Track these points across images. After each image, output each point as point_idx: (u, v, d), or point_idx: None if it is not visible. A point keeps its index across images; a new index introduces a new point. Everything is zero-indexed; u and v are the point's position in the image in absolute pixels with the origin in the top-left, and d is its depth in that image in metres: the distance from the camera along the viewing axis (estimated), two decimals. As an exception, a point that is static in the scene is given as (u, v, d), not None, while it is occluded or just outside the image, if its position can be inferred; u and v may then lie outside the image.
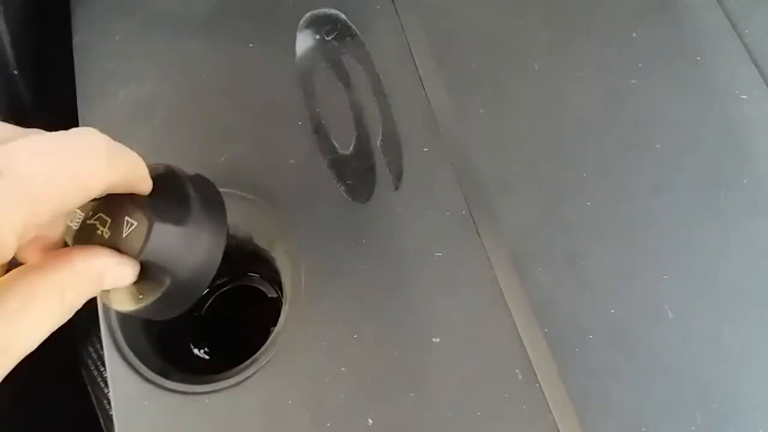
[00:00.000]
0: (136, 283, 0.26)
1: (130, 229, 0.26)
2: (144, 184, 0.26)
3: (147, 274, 0.26)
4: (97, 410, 0.56)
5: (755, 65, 0.37)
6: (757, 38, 0.38)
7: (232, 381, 0.34)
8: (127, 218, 0.26)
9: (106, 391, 0.57)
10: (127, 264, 0.25)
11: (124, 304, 0.27)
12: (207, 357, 0.42)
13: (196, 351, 0.42)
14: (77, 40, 0.40)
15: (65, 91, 0.43)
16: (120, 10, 0.40)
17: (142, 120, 0.38)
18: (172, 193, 0.27)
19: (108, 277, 0.24)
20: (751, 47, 0.38)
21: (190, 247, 0.27)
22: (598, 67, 0.37)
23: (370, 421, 0.33)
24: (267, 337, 0.41)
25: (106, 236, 0.26)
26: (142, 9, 0.40)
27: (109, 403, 0.53)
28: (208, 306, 0.43)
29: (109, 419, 0.54)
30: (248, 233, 0.39)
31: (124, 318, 0.36)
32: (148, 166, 0.26)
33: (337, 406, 0.33)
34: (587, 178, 0.35)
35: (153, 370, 0.35)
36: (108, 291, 0.27)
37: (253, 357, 0.36)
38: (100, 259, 0.24)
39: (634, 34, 0.37)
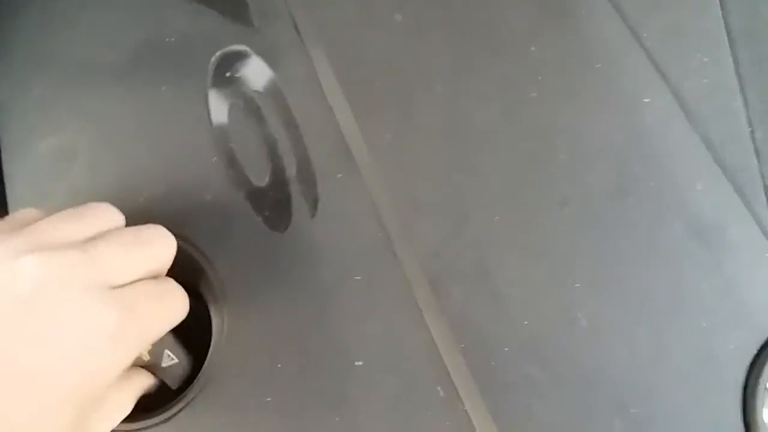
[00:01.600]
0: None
1: (170, 363, 0.34)
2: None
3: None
4: None
5: (656, 69, 0.38)
6: (656, 42, 0.39)
7: (160, 418, 0.34)
8: (167, 352, 0.34)
9: None
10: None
11: None
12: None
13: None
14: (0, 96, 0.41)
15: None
16: (38, 63, 0.41)
17: (64, 169, 0.39)
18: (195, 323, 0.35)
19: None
20: (651, 51, 0.38)
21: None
22: (499, 84, 0.37)
23: (297, 449, 0.33)
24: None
25: (145, 360, 0.33)
26: (59, 60, 0.40)
27: None
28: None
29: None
30: (172, 271, 0.39)
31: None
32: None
33: (264, 436, 0.33)
34: (495, 194, 0.36)
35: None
36: None
37: (182, 394, 0.36)
38: (149, 381, 0.34)
39: (533, 48, 0.38)
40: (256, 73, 0.39)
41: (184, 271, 0.39)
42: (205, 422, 0.34)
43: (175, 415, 0.34)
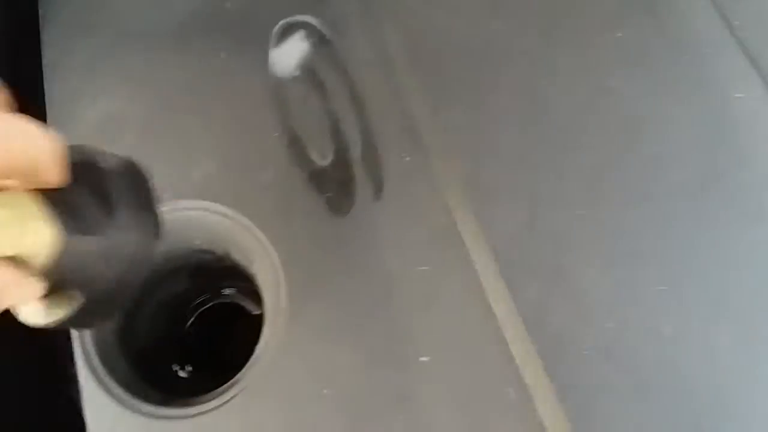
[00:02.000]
0: (45, 297, 0.22)
1: (34, 239, 0.20)
2: (52, 174, 0.20)
3: (56, 288, 0.21)
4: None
5: (749, 61, 0.35)
6: (749, 31, 0.36)
7: (212, 404, 0.32)
8: (31, 224, 0.20)
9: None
10: (30, 283, 0.21)
11: (33, 317, 0.23)
12: (189, 377, 0.41)
13: (178, 371, 0.41)
14: (46, 60, 0.39)
15: (36, 113, 0.42)
16: (89, 28, 0.39)
17: (112, 138, 0.37)
18: (90, 190, 0.22)
19: (5, 297, 0.20)
20: (743, 41, 0.36)
21: (108, 259, 0.22)
22: (580, 70, 0.35)
23: (356, 446, 0.31)
24: (250, 355, 0.40)
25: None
26: (111, 25, 0.38)
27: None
28: (191, 324, 0.41)
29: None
30: (225, 249, 0.37)
31: (100, 337, 0.35)
32: (67, 149, 0.21)
33: (321, 431, 0.31)
34: (574, 186, 0.34)
35: (131, 393, 0.34)
36: None
37: (234, 378, 0.34)
38: None
39: (619, 34, 0.36)
40: (320, 45, 0.37)
41: (238, 250, 0.37)
42: (257, 411, 0.32)
43: (227, 402, 0.32)
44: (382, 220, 0.34)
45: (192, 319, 0.42)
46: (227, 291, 0.42)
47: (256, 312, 0.41)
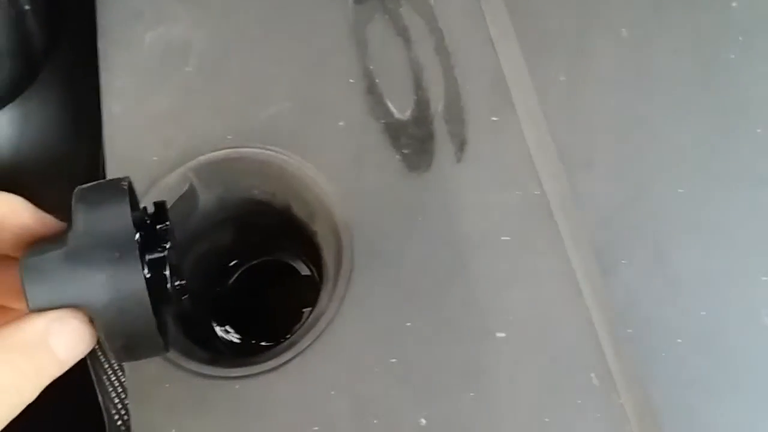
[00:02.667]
0: None
1: None
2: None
3: None
4: (96, 386, 0.53)
5: None
6: None
7: (266, 366, 0.30)
8: None
9: (105, 365, 0.53)
10: (69, 316, 0.21)
11: None
12: (229, 336, 0.38)
13: (218, 330, 0.38)
14: (99, -25, 0.36)
15: (84, 31, 0.38)
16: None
17: (172, 68, 0.34)
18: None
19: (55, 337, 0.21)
20: None
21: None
22: (693, 39, 0.33)
23: (423, 421, 0.29)
24: (298, 319, 0.38)
25: None
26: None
27: (111, 382, 0.49)
28: (233, 281, 0.39)
29: (109, 397, 0.51)
30: (286, 202, 0.35)
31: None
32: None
33: (386, 402, 0.29)
34: (679, 162, 0.31)
35: (175, 349, 0.31)
36: None
37: (289, 340, 0.32)
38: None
39: (734, 4, 0.33)
40: (408, -13, 0.34)
41: (300, 204, 0.34)
42: (316, 375, 0.30)
43: (284, 363, 0.30)
44: (462, 183, 0.32)
45: (235, 276, 0.39)
46: (275, 248, 0.40)
47: (305, 273, 0.39)
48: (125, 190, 0.22)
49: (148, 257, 0.23)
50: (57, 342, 0.21)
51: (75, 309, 0.21)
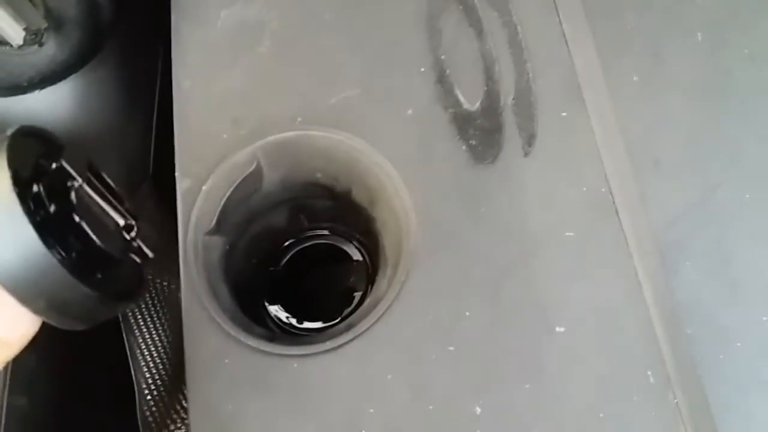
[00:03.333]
0: None
1: None
2: None
3: None
4: (130, 360, 0.54)
5: None
6: None
7: (325, 346, 0.31)
8: None
9: (140, 340, 0.54)
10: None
11: None
12: (279, 314, 0.39)
13: (270, 307, 0.39)
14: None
15: (148, 6, 0.39)
16: None
17: (245, 46, 0.34)
18: None
19: None
20: None
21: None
22: (769, 45, 0.33)
23: (478, 409, 0.30)
24: (348, 303, 0.38)
25: None
26: None
27: (144, 357, 0.50)
28: (286, 261, 0.40)
29: (141, 372, 0.51)
30: (348, 186, 0.35)
31: (207, 259, 0.33)
32: None
33: (442, 389, 0.30)
34: (748, 168, 0.32)
35: (236, 324, 0.32)
36: None
37: (347, 322, 0.32)
38: None
39: (812, 11, 0.33)
40: (484, -21, 0.34)
41: (362, 189, 0.35)
42: (374, 358, 0.31)
43: (343, 345, 0.31)
44: (528, 177, 0.32)
45: (288, 257, 0.40)
46: (327, 232, 0.40)
47: (357, 258, 0.40)
48: (3, 142, 0.21)
49: (54, 208, 0.22)
50: None
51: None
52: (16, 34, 0.34)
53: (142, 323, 0.50)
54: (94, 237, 0.22)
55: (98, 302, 0.22)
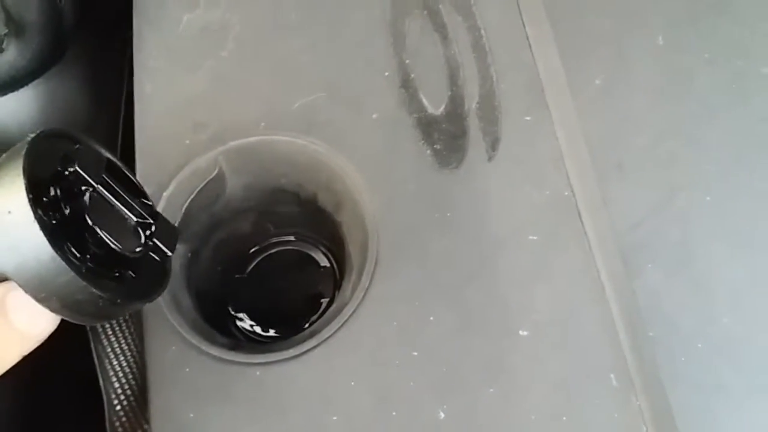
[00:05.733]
0: None
1: None
2: None
3: None
4: (98, 370, 0.54)
5: None
6: None
7: (287, 354, 0.32)
8: None
9: (108, 349, 0.54)
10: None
11: None
12: (243, 324, 0.40)
13: (234, 314, 0.39)
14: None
15: (115, 6, 0.40)
16: None
17: (207, 50, 0.35)
18: None
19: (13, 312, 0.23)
20: None
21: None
22: (731, 50, 0.34)
23: (442, 414, 0.31)
24: (315, 310, 0.39)
25: None
26: None
27: (112, 366, 0.50)
28: (251, 269, 0.40)
29: (109, 381, 0.52)
30: (313, 191, 0.36)
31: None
32: None
33: (405, 394, 0.31)
34: (709, 170, 0.33)
35: (197, 332, 0.32)
36: None
37: (311, 329, 0.33)
38: None
39: (769, 18, 0.34)
40: (447, -17, 0.35)
41: (327, 194, 0.36)
42: (337, 365, 0.31)
43: (306, 352, 0.31)
44: (492, 181, 0.33)
45: (253, 264, 0.40)
46: (293, 238, 0.41)
47: (324, 264, 0.40)
48: (23, 148, 0.23)
49: (67, 209, 0.23)
50: (15, 316, 0.23)
51: None
52: (-26, 39, 0.35)
53: (110, 332, 0.50)
54: (108, 239, 0.23)
55: (111, 303, 0.24)
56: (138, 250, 0.25)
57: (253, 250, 0.42)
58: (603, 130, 0.33)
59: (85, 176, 0.24)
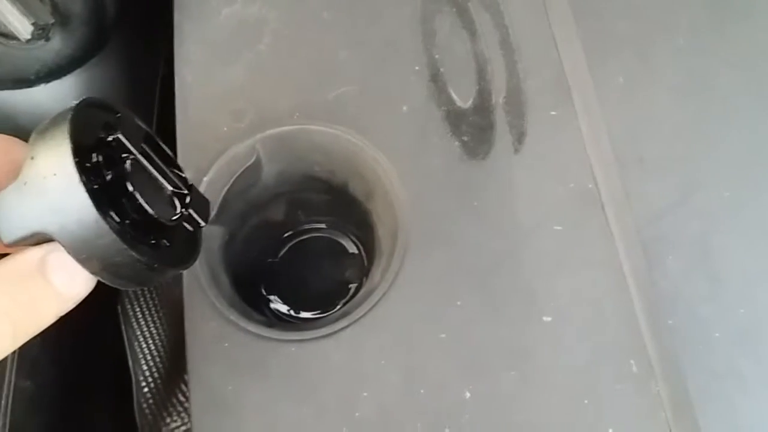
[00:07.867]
0: None
1: None
2: None
3: None
4: (128, 352, 0.56)
5: None
6: None
7: (322, 332, 0.33)
8: None
9: (138, 333, 0.56)
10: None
11: None
12: (275, 305, 0.41)
13: (266, 295, 0.41)
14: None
15: (151, 4, 0.41)
16: None
17: (245, 43, 0.37)
18: None
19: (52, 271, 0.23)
20: None
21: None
22: (751, 54, 0.35)
23: (468, 394, 0.32)
24: (343, 294, 0.41)
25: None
26: None
27: (142, 349, 0.52)
28: (284, 253, 0.42)
29: (138, 364, 0.53)
30: (345, 180, 0.38)
31: (208, 246, 0.35)
32: None
33: (433, 374, 0.32)
34: (729, 167, 0.34)
35: (235, 310, 0.34)
36: None
37: (342, 309, 0.35)
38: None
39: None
40: (477, -19, 0.36)
41: (358, 182, 0.37)
42: (368, 344, 0.33)
43: (339, 331, 0.33)
44: (518, 173, 0.35)
45: (285, 249, 0.42)
46: (323, 225, 0.42)
47: (352, 251, 0.42)
48: (68, 114, 0.23)
49: (108, 175, 0.24)
50: (55, 276, 0.23)
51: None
52: (24, 29, 0.37)
53: (140, 316, 0.52)
54: (146, 206, 0.24)
55: (148, 268, 0.24)
56: (174, 218, 0.26)
57: (285, 235, 0.43)
58: (625, 126, 0.35)
59: (127, 144, 0.25)
